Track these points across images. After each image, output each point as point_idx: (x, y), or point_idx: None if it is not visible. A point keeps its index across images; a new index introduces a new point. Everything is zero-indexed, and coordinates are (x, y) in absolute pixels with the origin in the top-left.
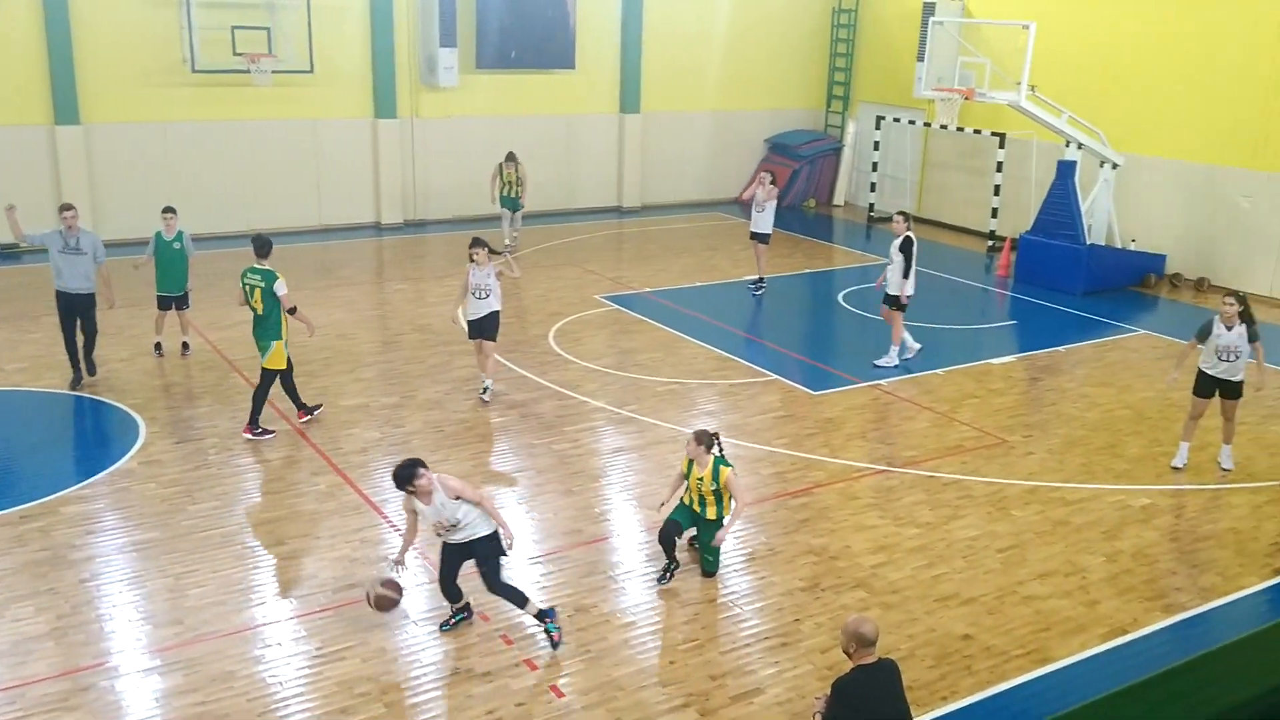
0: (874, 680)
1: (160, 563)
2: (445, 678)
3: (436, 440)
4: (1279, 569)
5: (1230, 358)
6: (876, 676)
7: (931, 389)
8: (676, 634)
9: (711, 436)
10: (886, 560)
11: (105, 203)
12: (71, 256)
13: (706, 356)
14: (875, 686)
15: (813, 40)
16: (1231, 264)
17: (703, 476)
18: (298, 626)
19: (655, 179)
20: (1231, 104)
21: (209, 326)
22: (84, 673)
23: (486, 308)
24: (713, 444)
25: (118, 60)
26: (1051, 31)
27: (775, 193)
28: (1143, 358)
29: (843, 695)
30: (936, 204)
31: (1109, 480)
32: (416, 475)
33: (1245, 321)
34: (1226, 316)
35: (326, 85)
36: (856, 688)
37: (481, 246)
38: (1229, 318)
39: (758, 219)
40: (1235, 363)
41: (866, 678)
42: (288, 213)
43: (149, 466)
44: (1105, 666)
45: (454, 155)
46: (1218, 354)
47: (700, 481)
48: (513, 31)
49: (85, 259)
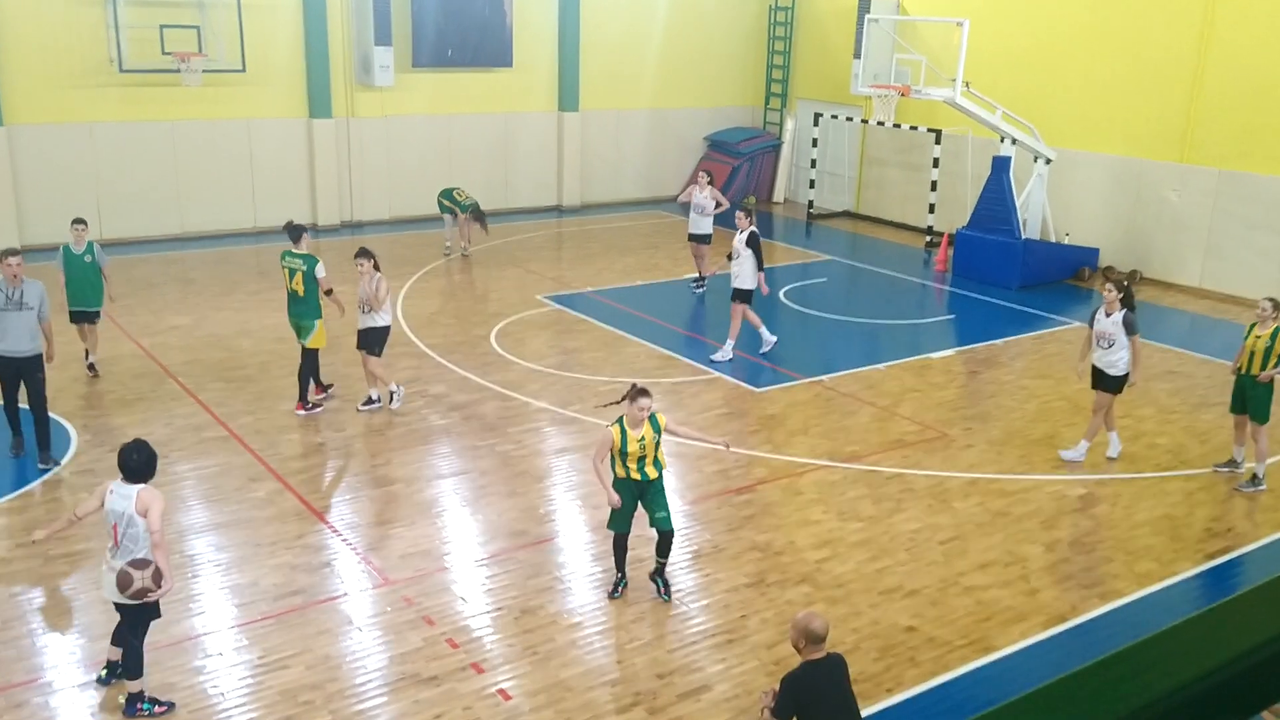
0: (822, 675)
1: (95, 574)
2: (391, 683)
3: (379, 443)
4: (1212, 554)
5: (1105, 344)
6: (825, 671)
7: (873, 384)
8: (623, 633)
9: (636, 389)
10: (831, 555)
11: (30, 208)
12: (14, 313)
13: (649, 355)
14: (824, 681)
15: (750, 38)
16: (1162, 257)
17: (644, 435)
18: (239, 635)
19: (595, 178)
20: (1159, 100)
21: (142, 332)
22: (16, 689)
23: (368, 322)
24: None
25: (42, 60)
26: (985, 29)
27: (718, 193)
28: (1079, 350)
29: (791, 690)
30: (875, 200)
31: (1047, 471)
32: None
33: (1125, 308)
34: (1107, 303)
35: (259, 85)
36: (805, 682)
37: (367, 257)
38: (1109, 304)
39: (698, 221)
40: (1110, 350)
41: (815, 672)
42: (222, 215)
43: (82, 476)
44: (1046, 654)
45: (391, 155)
46: (1096, 340)
47: (641, 442)
48: (449, 30)
49: (29, 315)
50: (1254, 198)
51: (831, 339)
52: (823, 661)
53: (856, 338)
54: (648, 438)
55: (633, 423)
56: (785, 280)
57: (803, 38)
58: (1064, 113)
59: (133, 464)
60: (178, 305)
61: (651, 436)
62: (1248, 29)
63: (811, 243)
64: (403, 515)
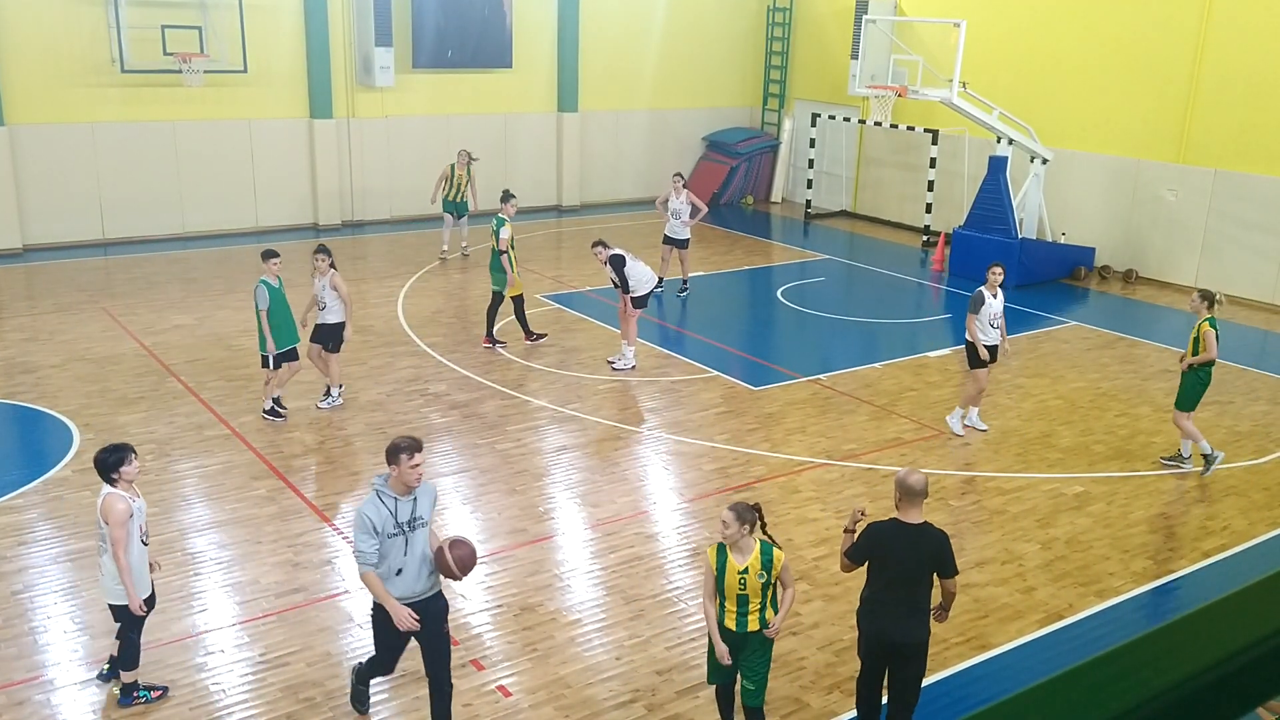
0: (902, 538)
1: (96, 572)
2: (392, 680)
3: (379, 442)
4: (1208, 552)
5: (998, 324)
6: (906, 536)
7: (870, 383)
8: (622, 630)
9: (753, 510)
10: (828, 553)
11: (31, 208)
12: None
13: (648, 354)
14: (900, 544)
15: (748, 39)
16: (1158, 256)
17: (747, 568)
18: (240, 633)
19: (594, 178)
20: (1155, 100)
21: (144, 331)
22: (17, 687)
23: (323, 319)
24: (755, 521)
25: (43, 60)
26: (982, 30)
27: (694, 196)
28: (1074, 349)
29: (867, 538)
30: (872, 200)
31: (1043, 469)
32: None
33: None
34: (991, 285)
35: (261, 85)
36: (881, 536)
37: (324, 255)
38: (993, 286)
39: (676, 226)
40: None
41: (896, 531)
42: (223, 215)
43: (84, 474)
44: (1042, 651)
45: (391, 155)
46: (990, 322)
47: (743, 576)
48: (449, 31)
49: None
50: (1250, 197)
51: (829, 338)
52: (909, 526)
53: (854, 337)
54: (752, 571)
55: (734, 546)
56: (783, 280)
57: (801, 38)
58: (1060, 113)
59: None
60: (180, 304)
61: (757, 573)
62: (1244, 29)
63: (809, 242)
64: None
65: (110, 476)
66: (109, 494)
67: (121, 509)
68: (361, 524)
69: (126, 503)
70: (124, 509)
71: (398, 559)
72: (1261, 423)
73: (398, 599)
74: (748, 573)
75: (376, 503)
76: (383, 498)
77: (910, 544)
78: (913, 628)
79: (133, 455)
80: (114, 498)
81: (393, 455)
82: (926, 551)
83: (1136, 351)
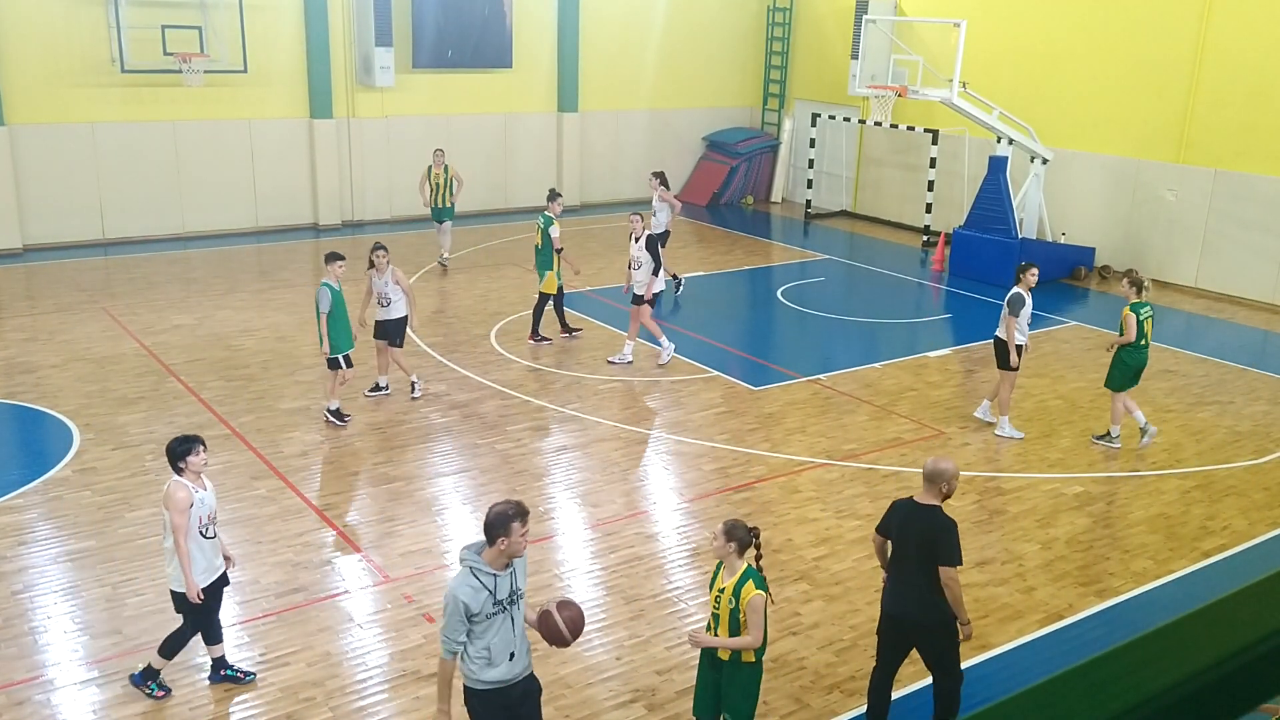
0: (909, 519)
1: (97, 572)
2: (392, 680)
3: (379, 442)
4: (1208, 552)
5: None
6: (914, 517)
7: (870, 383)
8: (622, 630)
9: (748, 532)
10: (829, 552)
11: (31, 208)
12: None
13: (648, 354)
14: (903, 522)
15: (748, 39)
16: (1158, 256)
17: (724, 589)
18: (240, 633)
19: (594, 178)
20: (1156, 100)
21: (144, 331)
22: (18, 687)
23: (387, 314)
24: (748, 544)
25: (43, 60)
26: (982, 29)
27: (668, 195)
28: (1074, 349)
29: (889, 508)
30: (872, 200)
31: (1043, 469)
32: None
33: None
34: (1028, 285)
35: (261, 85)
36: (892, 513)
37: (385, 251)
38: (1029, 286)
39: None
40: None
41: (904, 511)
42: (223, 215)
43: (84, 474)
44: (1042, 651)
45: (391, 155)
46: (1027, 323)
47: (719, 596)
48: (449, 31)
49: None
50: (1250, 197)
51: (829, 338)
52: (919, 506)
53: (854, 337)
54: (725, 593)
55: (725, 562)
56: (783, 279)
57: (801, 38)
58: (1060, 113)
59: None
60: (180, 304)
61: (728, 599)
62: (1245, 29)
63: (809, 242)
64: (403, 513)
65: (178, 465)
66: (172, 481)
67: (181, 497)
68: (455, 609)
69: (188, 491)
70: (183, 497)
71: (504, 640)
72: (1261, 423)
73: (498, 683)
74: (723, 594)
75: (473, 583)
76: (479, 575)
77: (913, 522)
78: (911, 606)
79: (200, 447)
80: (176, 485)
81: (500, 526)
82: (924, 531)
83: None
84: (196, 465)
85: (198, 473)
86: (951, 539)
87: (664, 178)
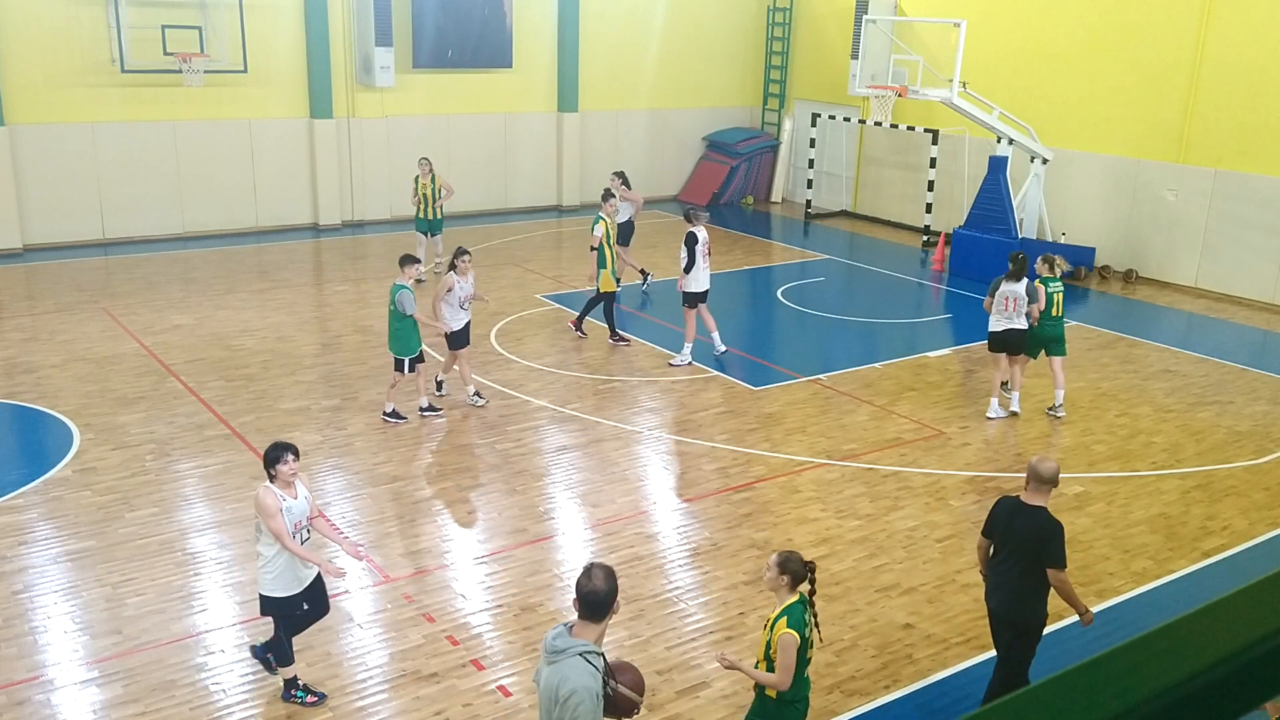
0: (1016, 518)
1: (97, 572)
2: (392, 680)
3: (379, 442)
4: (1208, 552)
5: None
6: (1021, 517)
7: (870, 383)
8: (622, 630)
9: (803, 565)
10: (829, 552)
11: (31, 208)
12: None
13: (648, 354)
14: (1010, 522)
15: (749, 38)
16: (1158, 256)
17: (768, 620)
18: (240, 633)
19: (594, 177)
20: (1156, 100)
21: (144, 331)
22: (18, 687)
23: (466, 318)
24: (803, 578)
25: (43, 60)
26: (982, 30)
27: (628, 191)
28: (1074, 349)
29: (992, 509)
30: (872, 200)
31: None
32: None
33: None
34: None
35: (261, 85)
36: (997, 512)
37: (468, 255)
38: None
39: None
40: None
41: (1010, 509)
42: (223, 215)
43: (84, 474)
44: (1042, 651)
45: (391, 155)
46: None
47: (765, 626)
48: (449, 31)
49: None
50: (1250, 197)
51: (829, 338)
52: (1024, 506)
53: (854, 336)
54: (765, 627)
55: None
56: (783, 279)
57: (801, 38)
58: (1060, 113)
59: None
60: (180, 304)
61: (766, 630)
62: (1244, 29)
63: (809, 242)
64: (403, 513)
65: (269, 472)
66: (261, 488)
67: (269, 502)
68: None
69: (274, 497)
70: (270, 502)
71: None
72: (1261, 423)
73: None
74: (766, 625)
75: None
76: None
77: (1019, 522)
78: (1015, 605)
79: (289, 455)
80: (264, 491)
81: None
82: (1031, 532)
83: (1136, 351)
84: (285, 473)
85: (288, 481)
86: (1060, 541)
87: (625, 177)
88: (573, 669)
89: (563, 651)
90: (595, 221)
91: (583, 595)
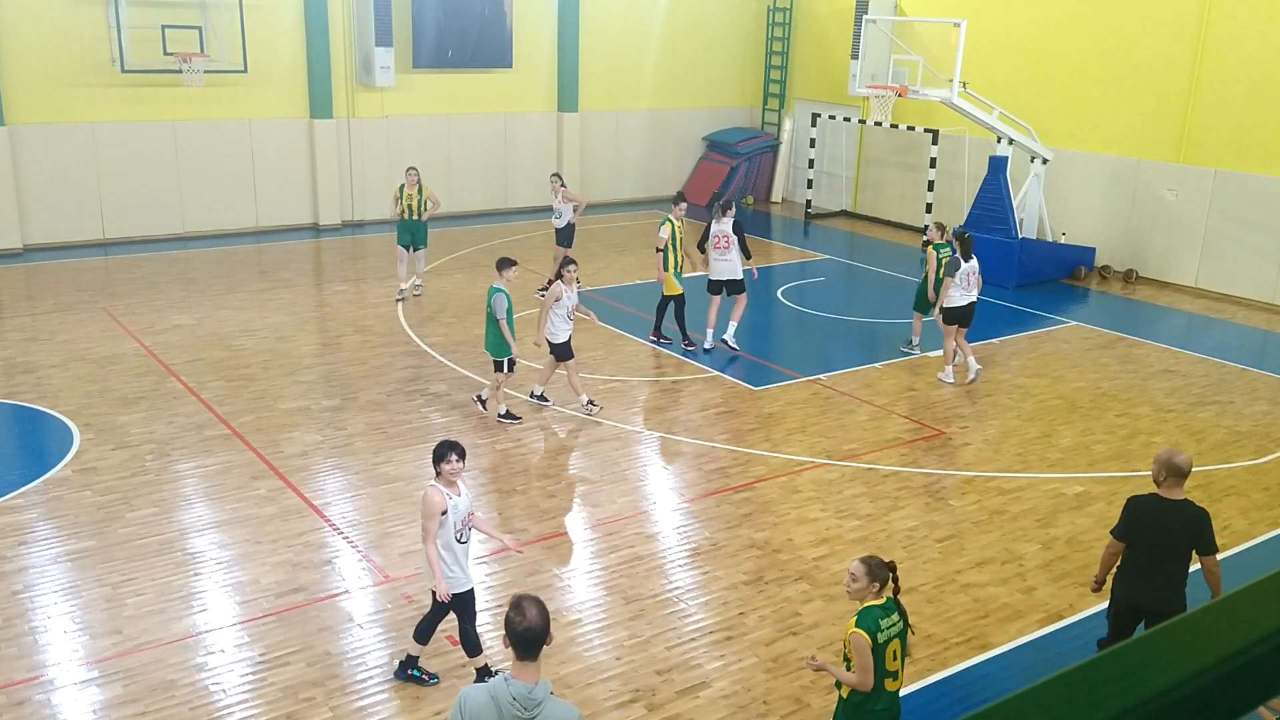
0: (1161, 513)
1: (97, 572)
2: (392, 680)
3: (379, 442)
4: None
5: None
6: (1166, 511)
7: (870, 383)
8: (622, 630)
9: (885, 568)
10: (829, 552)
11: (31, 208)
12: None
13: (648, 354)
14: (1158, 519)
15: (749, 38)
16: (1158, 256)
17: (895, 622)
18: (240, 632)
19: (594, 177)
20: (1156, 100)
21: (144, 331)
22: (18, 687)
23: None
24: (887, 579)
25: (43, 60)
26: (982, 29)
27: (570, 193)
28: (1074, 349)
29: (1127, 511)
30: (872, 200)
31: (1043, 469)
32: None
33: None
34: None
35: (261, 85)
36: (1139, 511)
37: (574, 265)
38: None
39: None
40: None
41: (1155, 506)
42: (223, 215)
43: (84, 474)
44: (1043, 651)
45: (391, 155)
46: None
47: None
48: (449, 31)
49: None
50: (1250, 197)
51: (829, 338)
52: (1166, 501)
53: (854, 337)
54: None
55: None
56: (783, 279)
57: (801, 38)
58: (1061, 113)
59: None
60: (180, 304)
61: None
62: (1244, 29)
63: (809, 242)
64: (403, 513)
65: (436, 470)
66: (428, 486)
67: (435, 500)
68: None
69: (441, 496)
70: (437, 501)
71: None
72: (1261, 423)
73: None
74: (894, 627)
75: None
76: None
77: (1167, 518)
78: (1167, 597)
79: (453, 455)
80: (431, 490)
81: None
82: (1183, 525)
83: (1136, 351)
84: (449, 472)
85: (452, 480)
86: (1211, 528)
87: (561, 178)
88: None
89: (540, 703)
90: (662, 223)
91: (517, 634)
